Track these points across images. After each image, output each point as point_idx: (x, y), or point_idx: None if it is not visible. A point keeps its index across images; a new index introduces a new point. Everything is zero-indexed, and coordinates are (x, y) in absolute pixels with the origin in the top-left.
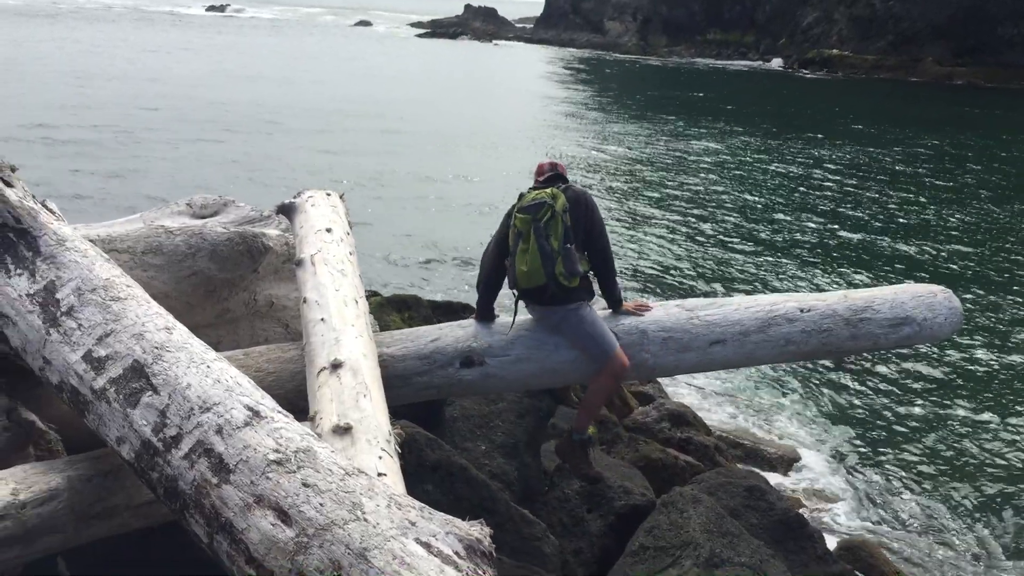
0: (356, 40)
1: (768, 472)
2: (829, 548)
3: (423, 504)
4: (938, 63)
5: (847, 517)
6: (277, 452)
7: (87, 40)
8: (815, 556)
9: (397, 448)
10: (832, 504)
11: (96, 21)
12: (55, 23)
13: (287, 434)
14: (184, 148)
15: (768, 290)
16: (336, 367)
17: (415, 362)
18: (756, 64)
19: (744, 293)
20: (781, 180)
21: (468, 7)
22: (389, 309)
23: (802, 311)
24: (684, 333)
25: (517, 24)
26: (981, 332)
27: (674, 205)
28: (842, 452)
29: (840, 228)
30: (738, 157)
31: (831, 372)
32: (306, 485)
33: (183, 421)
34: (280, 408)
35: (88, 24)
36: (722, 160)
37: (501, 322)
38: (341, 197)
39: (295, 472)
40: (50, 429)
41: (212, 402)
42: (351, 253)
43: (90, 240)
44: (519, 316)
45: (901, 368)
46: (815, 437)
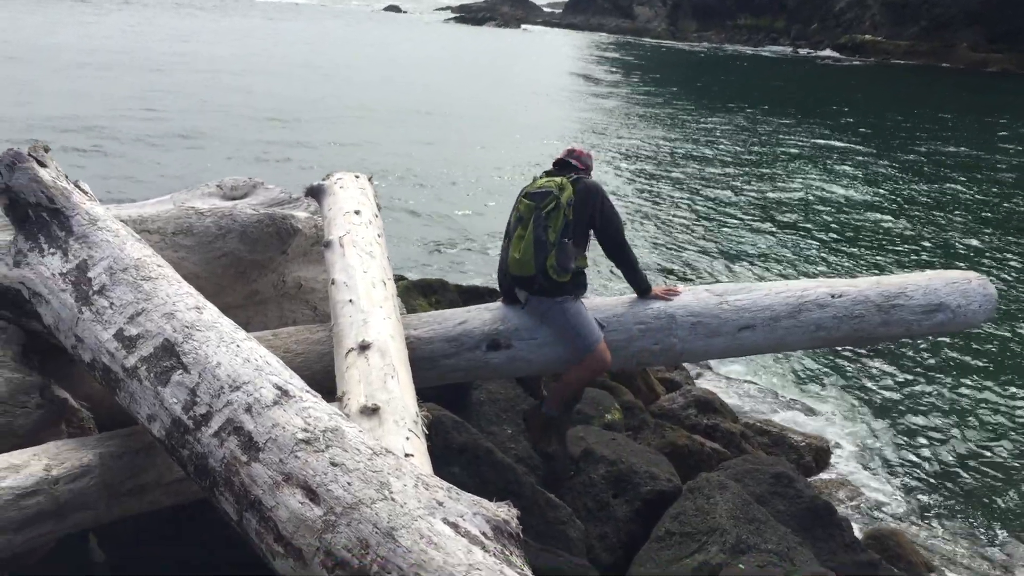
0: (382, 25)
1: (795, 460)
2: (857, 536)
3: (450, 485)
4: (972, 49)
5: (876, 506)
6: (305, 431)
7: (110, 24)
8: (843, 544)
9: (424, 430)
10: (861, 493)
11: (118, 6)
12: (73, 8)
13: (315, 413)
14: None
15: (798, 276)
16: (364, 348)
17: (442, 344)
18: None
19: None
20: (812, 166)
21: None
22: (416, 293)
23: (833, 297)
24: (713, 318)
25: (545, 9)
26: (1016, 320)
27: (702, 190)
28: (872, 441)
29: (873, 214)
30: (767, 143)
31: (861, 359)
32: (334, 464)
33: (213, 399)
34: (308, 388)
35: (102, 8)
36: (751, 146)
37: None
38: (370, 179)
39: (323, 451)
40: (82, 407)
41: (241, 381)
42: (379, 235)
43: (121, 221)
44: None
45: (933, 356)
46: (844, 425)
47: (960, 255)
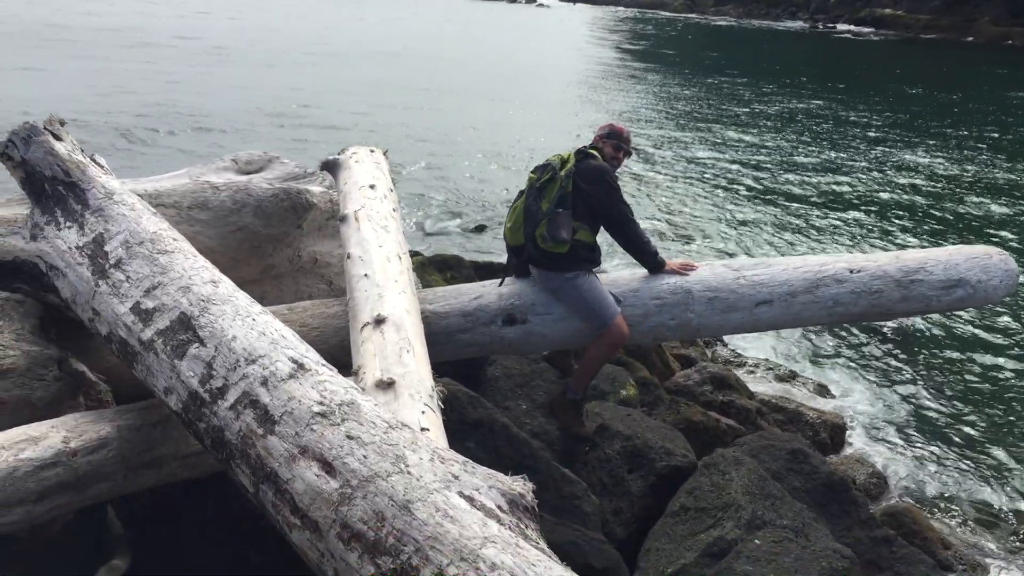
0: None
1: (811, 437)
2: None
3: (466, 458)
4: (994, 23)
5: (891, 483)
6: (321, 404)
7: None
8: (858, 520)
9: (440, 404)
10: (876, 470)
11: None
12: None
13: (331, 387)
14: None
15: (817, 251)
16: (379, 322)
17: (458, 319)
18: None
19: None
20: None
21: None
22: (431, 269)
23: (852, 272)
24: (730, 293)
25: None
26: None
27: (719, 165)
28: (888, 418)
29: (893, 190)
30: (786, 118)
31: (878, 336)
32: (350, 437)
33: (229, 372)
34: (324, 362)
35: None
36: (769, 121)
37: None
38: (385, 154)
39: (339, 424)
40: (99, 380)
41: (257, 354)
42: (394, 209)
43: (137, 195)
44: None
45: (952, 332)
46: (860, 402)
47: (981, 231)
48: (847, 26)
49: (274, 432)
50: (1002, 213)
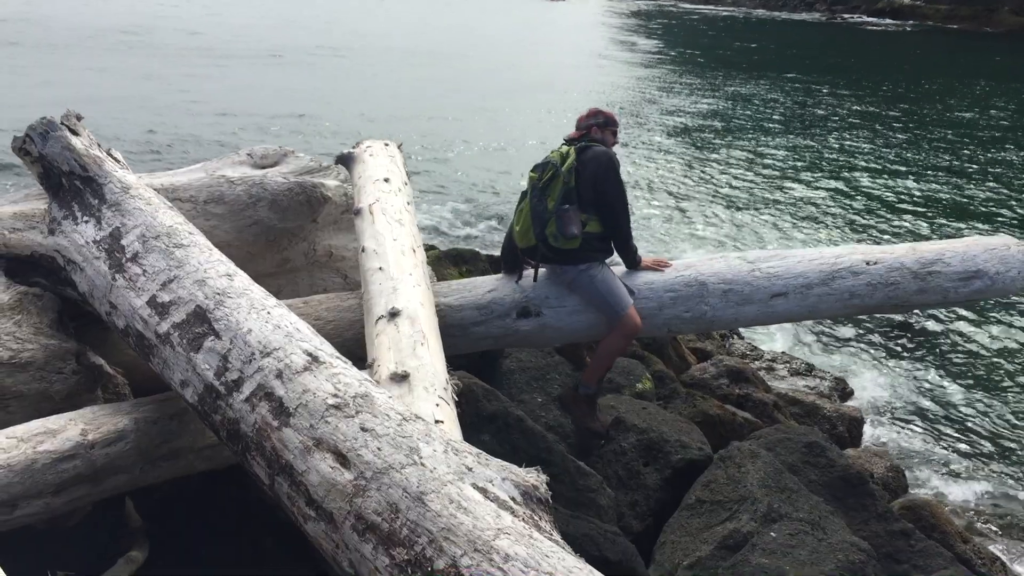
0: None
1: (828, 430)
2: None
3: (479, 450)
4: (1015, 13)
5: (909, 476)
6: (336, 397)
7: None
8: (876, 513)
9: (454, 397)
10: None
11: None
12: None
13: (345, 379)
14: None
15: (832, 243)
16: (394, 315)
17: (472, 312)
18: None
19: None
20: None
21: None
22: (446, 263)
23: (868, 264)
24: (745, 285)
25: None
26: None
27: (735, 157)
28: (905, 411)
29: (910, 181)
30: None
31: (895, 328)
32: (364, 429)
33: (244, 365)
34: (339, 354)
35: None
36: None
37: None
38: (399, 147)
39: (353, 416)
40: (117, 373)
41: (272, 347)
42: (408, 203)
43: (153, 189)
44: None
45: (971, 324)
46: (879, 396)
47: (1000, 222)
48: (864, 17)
49: (289, 424)
50: (1021, 203)
